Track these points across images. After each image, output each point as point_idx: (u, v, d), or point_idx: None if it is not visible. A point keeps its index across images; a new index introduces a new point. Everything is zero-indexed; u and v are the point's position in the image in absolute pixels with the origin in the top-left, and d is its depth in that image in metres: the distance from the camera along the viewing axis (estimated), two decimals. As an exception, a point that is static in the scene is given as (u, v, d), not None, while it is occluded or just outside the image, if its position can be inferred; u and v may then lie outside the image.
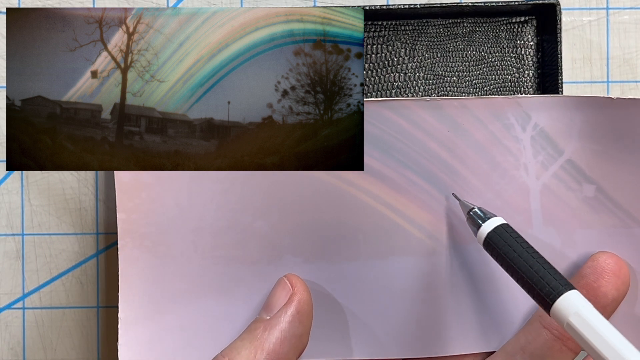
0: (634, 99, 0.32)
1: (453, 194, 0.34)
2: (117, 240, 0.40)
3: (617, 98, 0.32)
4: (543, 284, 0.29)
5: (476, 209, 0.32)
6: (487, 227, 0.32)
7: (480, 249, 0.32)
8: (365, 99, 0.33)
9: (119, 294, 0.33)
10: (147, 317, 0.33)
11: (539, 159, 0.34)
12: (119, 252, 0.33)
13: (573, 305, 0.28)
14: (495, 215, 0.32)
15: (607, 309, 0.32)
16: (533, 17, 0.42)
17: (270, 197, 0.34)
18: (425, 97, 0.33)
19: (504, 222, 0.32)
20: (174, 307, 0.34)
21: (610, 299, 0.32)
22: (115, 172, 0.33)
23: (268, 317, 0.32)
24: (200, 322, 0.34)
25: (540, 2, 0.40)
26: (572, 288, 0.29)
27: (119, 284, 0.33)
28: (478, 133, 0.34)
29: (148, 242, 0.33)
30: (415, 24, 0.41)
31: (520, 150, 0.34)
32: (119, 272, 0.33)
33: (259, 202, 0.34)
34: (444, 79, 0.41)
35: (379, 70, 0.41)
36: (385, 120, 0.33)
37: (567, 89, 0.43)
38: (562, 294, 0.29)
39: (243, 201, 0.34)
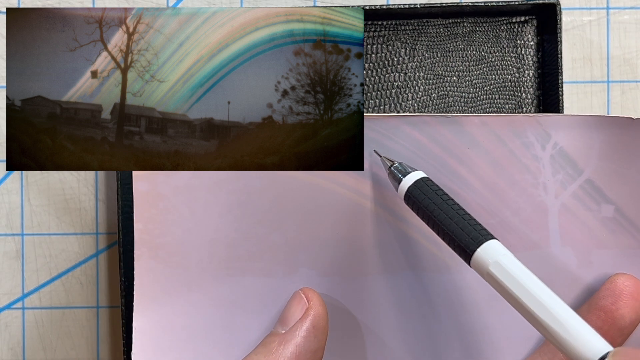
0: None
1: (374, 150, 0.33)
2: (116, 240, 0.40)
3: (637, 118, 0.32)
4: (463, 235, 0.29)
5: (397, 164, 0.32)
6: (408, 181, 0.31)
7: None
8: (384, 114, 0.33)
9: (134, 303, 0.33)
10: (161, 327, 0.33)
11: (558, 178, 0.34)
12: (134, 262, 0.33)
13: (492, 254, 0.28)
14: (416, 170, 0.32)
15: (625, 332, 0.32)
16: (533, 16, 0.42)
17: (287, 210, 0.33)
18: (445, 114, 0.33)
19: (425, 175, 0.31)
20: (188, 317, 0.34)
21: (628, 322, 0.32)
22: (133, 182, 0.33)
23: (283, 331, 0.32)
24: (214, 333, 0.34)
25: (541, 1, 0.40)
26: (493, 238, 0.28)
27: (134, 293, 0.33)
28: (497, 151, 0.33)
29: (164, 252, 0.33)
30: (415, 24, 0.41)
31: (539, 169, 0.33)
32: (135, 282, 0.33)
33: (276, 215, 0.33)
34: (444, 78, 0.41)
35: (379, 70, 0.41)
36: (404, 136, 0.33)
37: (567, 89, 0.43)
38: (481, 243, 0.28)
39: (259, 214, 0.33)
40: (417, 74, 0.41)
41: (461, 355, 0.34)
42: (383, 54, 0.41)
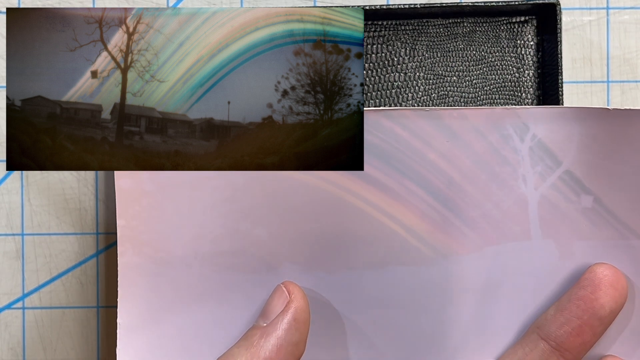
0: (631, 109, 0.32)
1: None
2: (117, 240, 0.40)
3: (613, 109, 0.32)
4: None
5: None
6: None
7: (478, 257, 0.32)
8: (364, 108, 0.33)
9: (118, 299, 0.33)
10: (146, 323, 0.34)
11: (537, 170, 0.34)
12: (118, 259, 0.33)
13: None
14: None
15: (605, 321, 0.32)
16: (533, 16, 0.42)
17: (270, 205, 0.34)
18: (424, 107, 0.33)
19: None
20: (173, 314, 0.34)
21: (608, 311, 0.32)
22: (115, 179, 0.33)
23: (265, 324, 0.32)
24: (198, 329, 0.34)
25: (541, 1, 0.40)
26: None
27: (118, 290, 0.33)
28: (477, 143, 0.34)
29: (148, 249, 0.34)
30: (415, 24, 0.41)
31: (518, 161, 0.34)
32: (118, 278, 0.33)
33: (259, 210, 0.34)
34: (444, 78, 0.41)
35: (379, 70, 0.41)
36: (384, 130, 0.33)
37: (567, 89, 0.43)
38: None
39: (243, 209, 0.34)
40: (417, 74, 0.41)
41: (443, 348, 0.34)
42: (383, 54, 0.41)
